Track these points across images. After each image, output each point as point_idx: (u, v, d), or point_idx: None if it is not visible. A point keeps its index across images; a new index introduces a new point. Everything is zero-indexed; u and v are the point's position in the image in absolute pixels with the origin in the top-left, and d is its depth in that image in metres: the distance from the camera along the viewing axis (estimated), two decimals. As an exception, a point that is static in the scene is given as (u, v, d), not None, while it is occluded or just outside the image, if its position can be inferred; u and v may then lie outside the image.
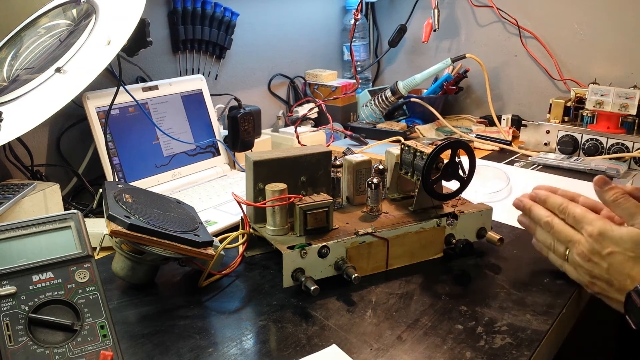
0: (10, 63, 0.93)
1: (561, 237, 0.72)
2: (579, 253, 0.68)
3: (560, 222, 0.73)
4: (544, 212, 0.75)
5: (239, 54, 1.43)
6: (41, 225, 0.56)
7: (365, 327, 0.66)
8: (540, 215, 0.75)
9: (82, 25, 0.92)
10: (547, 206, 0.76)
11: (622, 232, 0.65)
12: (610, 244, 0.66)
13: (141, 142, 1.10)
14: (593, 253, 0.67)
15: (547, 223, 0.74)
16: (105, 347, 0.52)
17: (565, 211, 0.72)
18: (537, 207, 0.77)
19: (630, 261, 0.64)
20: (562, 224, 0.72)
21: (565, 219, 0.72)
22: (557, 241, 0.73)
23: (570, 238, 0.70)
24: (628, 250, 0.64)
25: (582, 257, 0.68)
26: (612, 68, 1.44)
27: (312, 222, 0.75)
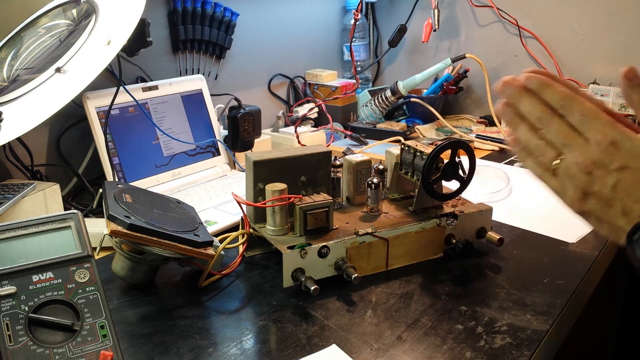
0: (10, 63, 0.93)
1: (557, 139, 0.55)
2: (579, 163, 0.53)
3: (559, 120, 0.55)
4: (538, 104, 0.57)
5: (239, 54, 1.43)
6: (41, 225, 0.56)
7: (365, 327, 0.66)
8: (533, 108, 0.57)
9: (82, 25, 0.92)
10: (545, 97, 0.57)
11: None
12: (623, 157, 0.52)
13: (141, 142, 1.10)
14: (598, 165, 0.52)
15: (541, 120, 0.56)
16: (105, 347, 0.52)
17: (570, 106, 0.55)
18: (530, 97, 0.57)
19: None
20: (561, 123, 0.55)
21: (567, 116, 0.55)
22: (548, 144, 0.56)
23: (570, 142, 0.54)
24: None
25: (581, 167, 0.53)
26: (612, 68, 1.44)
27: (312, 222, 0.75)
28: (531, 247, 0.83)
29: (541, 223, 0.94)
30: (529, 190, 1.10)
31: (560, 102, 0.55)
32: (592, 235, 0.91)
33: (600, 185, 0.53)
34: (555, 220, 0.97)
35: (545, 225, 0.93)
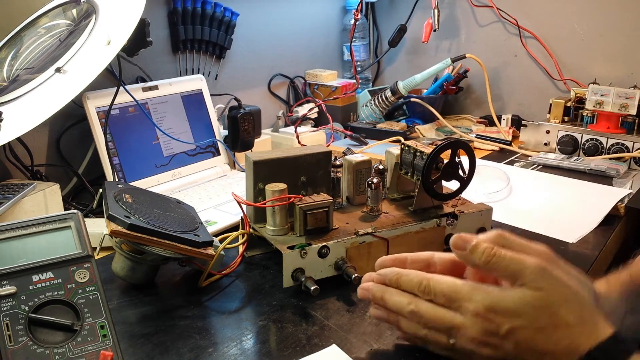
0: (10, 63, 0.93)
1: (437, 325, 0.55)
2: (470, 339, 0.52)
3: (429, 305, 0.55)
4: (402, 298, 0.57)
5: (239, 54, 1.43)
6: (41, 225, 0.56)
7: (365, 327, 0.66)
8: (399, 303, 0.57)
9: (82, 25, 0.92)
10: (402, 288, 0.57)
11: (515, 299, 0.51)
12: (506, 319, 0.50)
13: (141, 142, 1.10)
14: (488, 335, 0.51)
15: (412, 313, 0.56)
16: (105, 347, 0.52)
17: (429, 290, 0.55)
18: (391, 294, 0.58)
19: (539, 334, 0.50)
20: (431, 307, 0.55)
21: (433, 299, 0.55)
22: (433, 331, 0.55)
23: (450, 324, 0.53)
24: (531, 321, 0.50)
25: (475, 343, 0.52)
26: (612, 68, 1.44)
27: (312, 222, 0.75)
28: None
29: (541, 223, 0.94)
30: (529, 190, 1.10)
31: (419, 290, 0.56)
32: (592, 235, 0.91)
33: (502, 351, 0.52)
34: (555, 220, 0.97)
35: (545, 225, 0.93)
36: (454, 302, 0.53)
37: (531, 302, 0.50)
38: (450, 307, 0.54)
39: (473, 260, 0.54)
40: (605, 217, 0.96)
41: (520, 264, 0.52)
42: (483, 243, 0.53)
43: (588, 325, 0.50)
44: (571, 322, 0.50)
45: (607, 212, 0.97)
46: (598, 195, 1.06)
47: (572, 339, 0.49)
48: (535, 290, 0.51)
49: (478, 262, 0.53)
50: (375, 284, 0.60)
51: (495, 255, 0.52)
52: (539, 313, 0.50)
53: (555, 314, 0.50)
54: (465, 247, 0.54)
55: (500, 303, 0.51)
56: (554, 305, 0.50)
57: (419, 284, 0.56)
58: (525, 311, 0.50)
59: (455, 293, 0.53)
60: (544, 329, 0.50)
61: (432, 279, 0.55)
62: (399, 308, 0.57)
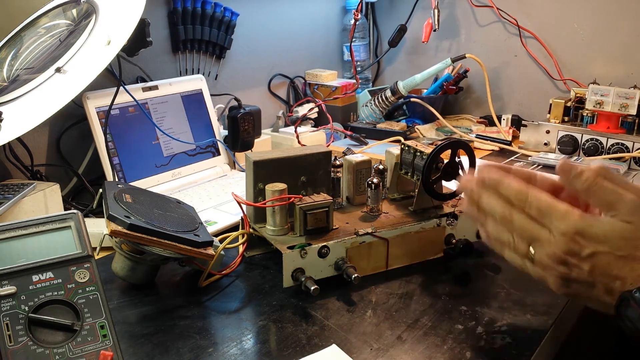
0: (10, 63, 0.93)
1: (524, 234, 0.57)
2: (550, 255, 0.55)
3: (521, 215, 0.57)
4: (497, 202, 0.59)
5: (239, 54, 1.43)
6: (41, 225, 0.56)
7: (365, 327, 0.66)
8: (494, 206, 0.59)
9: (82, 25, 0.92)
10: (501, 192, 0.59)
11: (604, 227, 0.53)
12: (591, 244, 0.53)
13: (141, 142, 1.10)
14: (569, 255, 0.54)
15: (504, 217, 0.58)
16: (105, 347, 0.52)
17: (526, 201, 0.56)
18: (488, 196, 0.60)
19: (619, 260, 0.52)
20: (523, 217, 0.57)
21: (526, 210, 0.56)
22: (517, 238, 0.58)
23: (537, 236, 0.56)
24: (615, 249, 0.52)
25: (555, 259, 0.54)
26: (612, 68, 1.44)
27: (312, 222, 0.75)
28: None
29: (541, 223, 0.94)
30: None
31: (516, 197, 0.57)
32: (592, 235, 0.91)
33: (577, 272, 0.54)
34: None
35: (545, 225, 0.93)
36: (546, 217, 0.55)
37: (620, 232, 0.53)
38: (541, 222, 0.55)
39: (575, 184, 0.56)
40: (605, 217, 0.96)
41: (617, 196, 0.54)
42: (588, 171, 0.56)
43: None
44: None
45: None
46: (598, 195, 1.05)
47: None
48: (626, 222, 0.53)
49: (580, 187, 0.56)
50: (475, 182, 0.61)
51: (597, 184, 0.55)
52: (624, 243, 0.52)
53: (638, 246, 0.53)
54: (571, 172, 0.56)
55: (591, 228, 0.53)
56: (639, 239, 0.53)
57: (518, 192, 0.57)
58: (612, 239, 0.53)
59: (550, 209, 0.55)
60: (624, 257, 0.52)
61: (532, 191, 0.57)
62: (492, 209, 0.59)
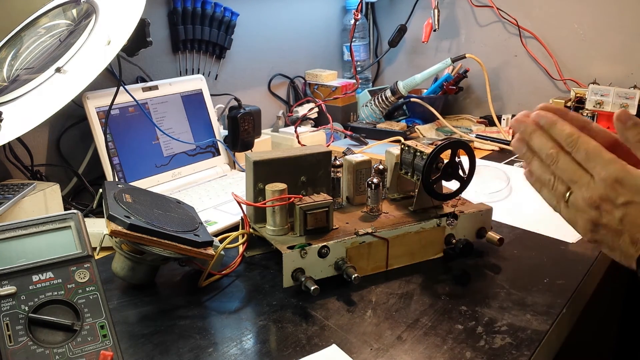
0: (10, 63, 0.93)
1: (565, 175, 0.60)
2: (586, 198, 0.58)
3: (567, 157, 0.60)
4: (547, 142, 0.61)
5: (239, 54, 1.43)
6: (41, 225, 0.56)
7: (365, 327, 0.66)
8: (543, 145, 0.62)
9: (82, 25, 0.92)
10: (553, 134, 0.61)
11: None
12: (627, 193, 0.55)
13: (141, 142, 1.10)
14: (605, 200, 0.56)
15: (550, 156, 0.61)
16: (105, 347, 0.52)
17: (575, 144, 0.59)
18: (540, 135, 0.62)
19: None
20: (568, 160, 0.60)
21: (573, 153, 0.59)
22: (558, 179, 0.61)
23: (577, 179, 0.59)
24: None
25: (589, 203, 0.57)
26: (612, 68, 1.44)
27: (312, 222, 0.75)
28: (531, 247, 0.83)
29: (541, 223, 0.94)
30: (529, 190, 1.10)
31: (566, 140, 0.60)
32: (592, 235, 0.91)
33: (608, 218, 0.57)
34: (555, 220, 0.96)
35: (545, 225, 0.93)
36: (591, 162, 0.57)
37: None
38: (584, 166, 0.58)
39: (627, 134, 0.58)
40: (606, 217, 0.96)
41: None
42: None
43: None
44: None
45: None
46: (598, 195, 1.06)
47: None
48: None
49: (632, 139, 0.57)
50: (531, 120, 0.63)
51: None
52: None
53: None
54: (627, 122, 0.57)
55: (630, 179, 0.55)
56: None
57: (569, 135, 0.59)
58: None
59: (596, 155, 0.57)
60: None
61: (582, 137, 0.59)
62: (541, 148, 0.61)
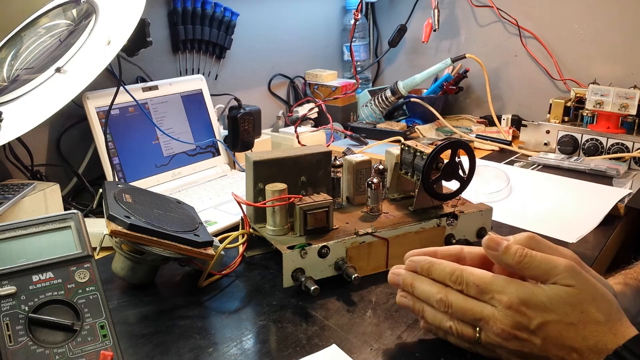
0: (10, 63, 0.93)
1: (466, 316, 0.55)
2: (498, 332, 0.53)
3: (459, 296, 0.55)
4: (431, 287, 0.57)
5: (239, 54, 1.43)
6: (41, 225, 0.56)
7: (365, 327, 0.66)
8: (429, 292, 0.57)
9: (82, 25, 0.92)
10: (433, 277, 0.58)
11: (548, 294, 0.52)
12: (538, 313, 0.51)
13: (141, 142, 1.10)
14: (518, 328, 0.52)
15: (441, 302, 0.56)
16: (105, 347, 0.52)
17: (461, 280, 0.55)
18: (421, 282, 0.59)
19: (569, 329, 0.51)
20: (462, 298, 0.55)
21: (463, 290, 0.55)
22: (459, 322, 0.56)
23: (479, 315, 0.54)
24: (563, 316, 0.51)
25: (504, 336, 0.53)
26: (612, 68, 1.44)
27: (312, 222, 0.75)
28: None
29: (541, 223, 0.94)
30: (529, 190, 1.10)
31: (451, 279, 0.56)
32: (592, 235, 0.91)
33: (529, 346, 0.52)
34: (555, 220, 0.97)
35: (545, 225, 0.93)
36: (487, 293, 0.54)
37: (564, 298, 0.51)
38: (481, 299, 0.54)
39: (505, 260, 0.55)
40: (605, 217, 0.96)
41: (551, 263, 0.53)
42: (514, 245, 0.55)
43: (615, 324, 0.51)
44: (600, 320, 0.51)
45: (607, 212, 0.97)
46: (598, 195, 1.06)
47: (600, 337, 0.50)
48: (568, 286, 0.52)
49: (510, 262, 0.54)
50: (407, 271, 0.61)
51: (527, 255, 0.54)
52: (570, 309, 0.51)
53: (586, 311, 0.51)
54: (498, 248, 0.55)
55: (534, 297, 0.52)
56: (585, 302, 0.51)
57: (451, 273, 0.56)
58: (558, 306, 0.51)
59: (489, 284, 0.54)
60: (574, 325, 0.51)
61: (465, 270, 0.56)
62: (428, 296, 0.57)
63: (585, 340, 0.51)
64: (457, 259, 0.61)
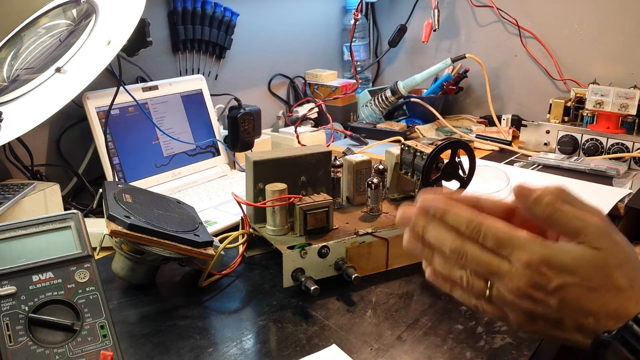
0: (10, 63, 0.93)
1: (480, 268, 0.50)
2: (513, 290, 0.48)
3: (475, 247, 0.50)
4: (446, 233, 0.51)
5: (239, 54, 1.43)
6: (41, 225, 0.56)
7: (365, 327, 0.66)
8: (442, 238, 0.51)
9: (82, 25, 0.92)
10: (449, 222, 0.51)
11: (573, 255, 0.47)
12: (558, 275, 0.47)
13: (141, 142, 1.10)
14: (535, 288, 0.47)
15: (456, 250, 0.50)
16: (105, 347, 0.52)
17: (479, 230, 0.49)
18: (435, 227, 0.52)
19: (590, 293, 0.47)
20: (478, 250, 0.49)
21: (481, 241, 0.49)
22: (472, 274, 0.50)
23: (496, 270, 0.49)
24: (586, 280, 0.47)
25: (518, 294, 0.48)
26: (612, 68, 1.44)
27: (312, 222, 0.75)
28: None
29: (541, 223, 0.94)
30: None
31: (468, 228, 0.50)
32: (592, 235, 0.91)
33: (543, 307, 0.48)
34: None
35: (545, 225, 0.93)
36: (506, 248, 0.48)
37: (589, 261, 0.47)
38: (499, 253, 0.49)
39: (535, 211, 0.50)
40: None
41: (583, 222, 0.49)
42: (547, 195, 0.49)
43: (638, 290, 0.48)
44: (623, 286, 0.48)
45: (607, 212, 0.97)
46: (598, 195, 1.06)
47: (621, 302, 0.48)
48: (595, 249, 0.48)
49: (541, 214, 0.49)
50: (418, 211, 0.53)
51: (559, 210, 0.49)
52: (594, 272, 0.47)
53: (610, 275, 0.48)
54: (529, 196, 0.50)
55: (557, 257, 0.47)
56: (610, 266, 0.48)
57: (469, 221, 0.50)
58: (581, 269, 0.47)
59: (510, 239, 0.48)
60: (596, 289, 0.47)
61: (486, 220, 0.50)
62: (441, 243, 0.51)
63: (606, 306, 0.47)
64: (477, 205, 0.53)
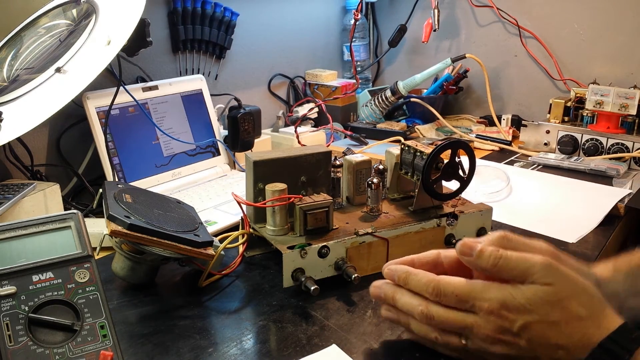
0: (10, 63, 0.93)
1: (449, 327, 0.55)
2: (484, 337, 0.53)
3: (439, 308, 0.55)
4: (412, 299, 0.57)
5: (239, 54, 1.43)
6: (41, 225, 0.56)
7: (365, 327, 0.66)
8: (410, 304, 0.57)
9: (82, 25, 0.92)
10: (410, 288, 0.57)
11: (527, 295, 0.51)
12: (519, 315, 0.51)
13: (141, 142, 1.10)
14: (502, 332, 0.52)
15: (422, 314, 0.56)
16: (105, 347, 0.52)
17: (438, 291, 0.55)
18: (402, 295, 0.58)
19: (552, 328, 0.50)
20: (442, 310, 0.55)
21: (442, 300, 0.55)
22: (444, 333, 0.56)
23: (463, 324, 0.54)
24: (544, 316, 0.51)
25: (489, 341, 0.53)
26: (612, 68, 1.44)
27: (312, 222, 0.75)
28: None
29: (541, 223, 0.94)
30: (529, 191, 1.10)
31: (427, 291, 0.55)
32: (592, 235, 0.91)
33: (516, 349, 0.52)
34: (555, 220, 0.97)
35: (545, 225, 0.93)
36: (466, 302, 0.53)
37: (543, 297, 0.51)
38: (462, 308, 0.54)
39: (480, 264, 0.54)
40: (605, 217, 0.96)
41: (527, 262, 0.52)
42: (488, 247, 0.54)
43: (598, 317, 0.51)
44: (583, 315, 0.51)
45: (607, 212, 0.97)
46: (598, 195, 1.06)
47: (584, 331, 0.50)
48: (546, 285, 0.51)
49: (486, 265, 0.54)
50: (387, 283, 0.60)
51: (502, 257, 0.53)
52: (551, 308, 0.50)
53: (566, 307, 0.51)
54: (472, 253, 0.54)
55: (513, 300, 0.51)
56: (565, 299, 0.51)
57: (427, 285, 0.56)
58: (538, 306, 0.51)
59: (467, 293, 0.53)
60: (556, 323, 0.50)
61: (442, 280, 0.55)
62: (410, 309, 0.57)
63: (570, 337, 0.50)
64: (435, 264, 0.60)
